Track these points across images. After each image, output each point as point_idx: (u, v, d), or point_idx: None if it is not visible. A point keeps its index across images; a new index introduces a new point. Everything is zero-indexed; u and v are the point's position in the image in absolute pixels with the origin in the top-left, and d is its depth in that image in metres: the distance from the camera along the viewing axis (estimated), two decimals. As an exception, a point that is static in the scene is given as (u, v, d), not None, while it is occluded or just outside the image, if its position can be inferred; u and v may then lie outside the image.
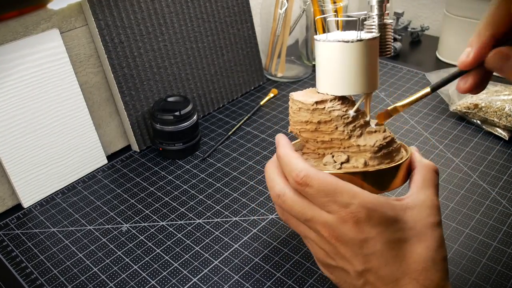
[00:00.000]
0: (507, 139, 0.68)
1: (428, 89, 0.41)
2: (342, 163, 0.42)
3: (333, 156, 0.42)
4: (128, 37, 0.66)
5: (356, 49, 0.40)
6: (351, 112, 0.42)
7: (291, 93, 0.44)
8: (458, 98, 0.75)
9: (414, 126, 0.73)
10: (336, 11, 0.90)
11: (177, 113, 0.65)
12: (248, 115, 0.77)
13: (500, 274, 0.49)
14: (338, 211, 0.36)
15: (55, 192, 0.63)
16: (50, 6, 0.58)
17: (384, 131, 0.42)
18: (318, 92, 0.43)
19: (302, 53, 0.87)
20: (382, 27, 0.42)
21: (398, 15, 0.98)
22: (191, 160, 0.68)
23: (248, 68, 0.83)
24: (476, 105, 0.71)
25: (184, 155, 0.68)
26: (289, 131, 0.45)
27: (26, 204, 0.61)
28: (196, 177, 0.65)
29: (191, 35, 0.73)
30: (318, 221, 0.38)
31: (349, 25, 0.48)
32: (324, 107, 0.41)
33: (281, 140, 0.43)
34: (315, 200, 0.38)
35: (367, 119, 0.42)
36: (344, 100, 0.42)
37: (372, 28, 0.42)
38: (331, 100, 0.42)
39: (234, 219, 0.57)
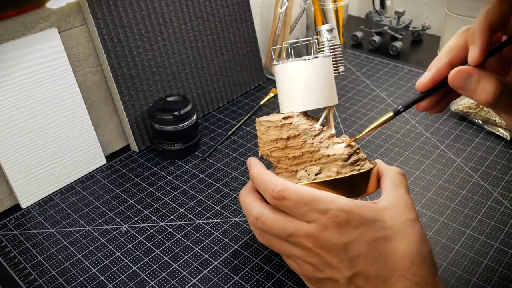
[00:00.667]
0: (509, 139, 0.68)
1: (390, 113, 0.43)
2: (316, 174, 0.44)
3: (306, 170, 0.44)
4: (127, 36, 0.65)
5: (312, 66, 0.44)
6: (317, 125, 0.45)
7: (257, 118, 0.47)
8: (460, 98, 0.74)
9: (415, 126, 0.73)
10: (336, 10, 0.90)
11: (176, 113, 0.64)
12: (248, 114, 0.77)
13: (502, 275, 0.48)
14: (318, 219, 0.37)
15: (54, 192, 0.63)
16: (48, 5, 0.58)
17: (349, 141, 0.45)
18: (283, 113, 0.46)
19: (303, 53, 0.87)
20: (331, 48, 0.47)
21: (399, 14, 0.97)
22: (190, 160, 0.68)
23: (248, 68, 0.83)
24: (478, 105, 0.70)
25: (184, 155, 0.68)
26: (259, 154, 0.47)
27: (24, 204, 0.60)
28: (195, 178, 0.64)
29: (191, 34, 0.73)
30: (300, 233, 0.38)
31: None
32: (292, 122, 0.44)
33: (252, 161, 0.45)
34: (294, 212, 0.39)
35: (332, 131, 0.45)
36: (308, 116, 0.46)
37: (323, 50, 0.47)
38: (297, 116, 0.45)
39: (234, 219, 0.57)
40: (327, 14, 0.89)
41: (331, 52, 0.47)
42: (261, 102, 0.80)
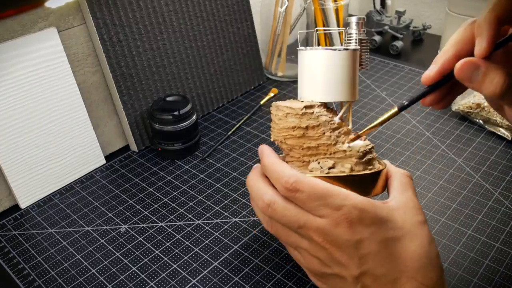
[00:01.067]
0: (510, 139, 0.67)
1: (395, 109, 0.42)
2: (329, 168, 0.43)
3: (319, 163, 0.43)
4: (127, 35, 0.65)
5: (342, 57, 0.43)
6: (336, 119, 0.43)
7: (273, 102, 0.45)
8: (461, 98, 0.74)
9: (416, 125, 0.72)
10: (337, 9, 0.89)
11: (176, 113, 0.64)
12: (248, 114, 0.76)
13: (503, 275, 0.48)
14: (330, 214, 0.37)
15: (53, 192, 0.62)
16: (47, 4, 0.57)
17: (365, 139, 0.44)
18: (302, 101, 0.44)
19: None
20: (359, 42, 0.45)
21: (399, 14, 0.97)
22: (190, 161, 0.67)
23: (248, 67, 0.82)
24: (478, 105, 0.70)
25: (183, 155, 0.68)
26: (272, 140, 0.46)
27: (23, 205, 0.60)
28: (195, 178, 0.64)
29: (190, 34, 0.73)
30: (311, 226, 0.38)
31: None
32: (313, 112, 0.43)
33: (264, 150, 0.44)
34: (306, 205, 0.38)
35: (350, 127, 0.44)
36: (328, 108, 0.45)
37: (351, 42, 0.45)
38: (318, 106, 0.43)
39: (234, 220, 0.57)
40: (328, 13, 0.89)
41: (359, 46, 0.45)
42: (261, 102, 0.80)
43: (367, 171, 0.42)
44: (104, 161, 0.67)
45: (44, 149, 0.61)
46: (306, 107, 0.43)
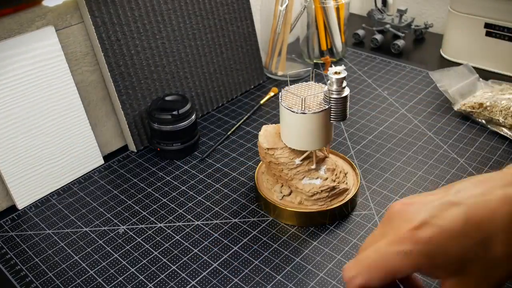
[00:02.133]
0: (512, 138, 0.67)
1: None
2: (284, 195, 0.55)
3: (281, 186, 0.56)
4: (125, 34, 0.64)
5: (298, 118, 0.50)
6: (297, 161, 0.53)
7: (264, 126, 0.56)
8: (462, 98, 0.74)
9: (418, 125, 0.72)
10: (338, 8, 0.89)
11: (175, 113, 0.63)
12: (248, 114, 0.76)
13: (507, 277, 0.47)
14: None
15: (51, 193, 0.62)
16: (45, 3, 0.57)
17: (326, 179, 0.53)
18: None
19: (303, 51, 0.86)
20: (340, 100, 0.49)
21: (401, 12, 0.96)
22: (189, 161, 0.67)
23: (248, 67, 0.82)
24: (481, 105, 0.69)
25: (183, 155, 0.67)
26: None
27: (20, 205, 0.59)
28: (194, 178, 0.63)
29: (190, 32, 0.72)
30: None
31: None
32: (273, 154, 0.53)
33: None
34: None
35: (313, 167, 0.53)
36: (294, 149, 0.53)
37: (330, 99, 0.50)
38: (281, 148, 0.53)
39: (234, 220, 0.56)
40: (328, 12, 0.88)
41: (333, 104, 0.49)
42: (261, 102, 0.79)
43: (314, 207, 0.54)
44: (102, 161, 0.67)
45: (42, 149, 0.60)
46: (268, 149, 0.53)
